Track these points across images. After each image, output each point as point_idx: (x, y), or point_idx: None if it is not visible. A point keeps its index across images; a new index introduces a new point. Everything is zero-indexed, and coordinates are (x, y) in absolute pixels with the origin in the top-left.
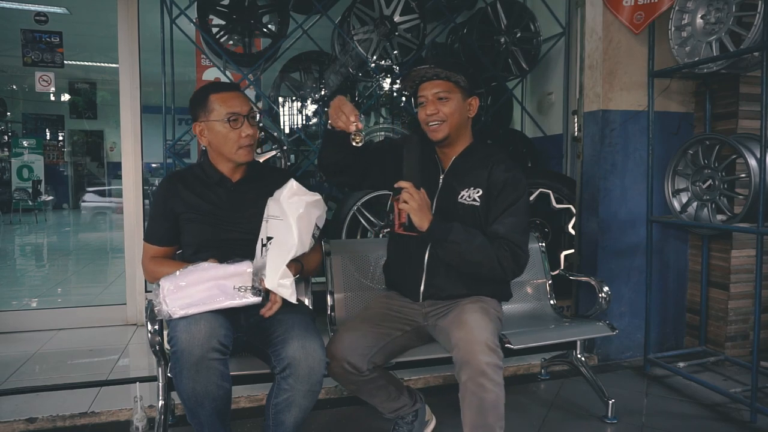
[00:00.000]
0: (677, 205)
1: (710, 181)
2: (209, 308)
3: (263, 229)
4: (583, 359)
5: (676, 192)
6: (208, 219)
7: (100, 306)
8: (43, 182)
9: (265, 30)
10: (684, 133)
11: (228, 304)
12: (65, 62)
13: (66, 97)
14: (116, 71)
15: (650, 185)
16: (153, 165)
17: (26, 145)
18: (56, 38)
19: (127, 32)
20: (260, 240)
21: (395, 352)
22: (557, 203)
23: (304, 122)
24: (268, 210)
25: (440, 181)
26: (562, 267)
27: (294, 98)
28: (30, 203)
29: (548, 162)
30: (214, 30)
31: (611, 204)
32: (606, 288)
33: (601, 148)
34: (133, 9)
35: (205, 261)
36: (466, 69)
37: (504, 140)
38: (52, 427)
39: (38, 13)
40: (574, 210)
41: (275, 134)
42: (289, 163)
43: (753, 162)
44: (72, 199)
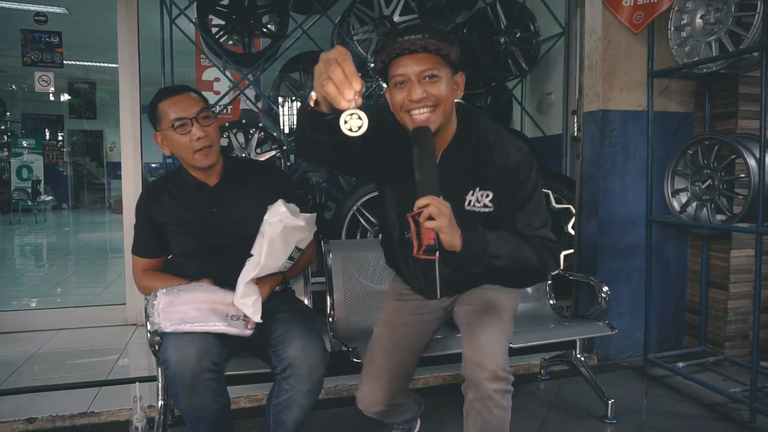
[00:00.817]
0: (677, 205)
1: (710, 181)
2: (201, 329)
3: (255, 243)
4: (583, 359)
5: (676, 192)
6: (192, 228)
7: (100, 306)
8: (43, 182)
9: (265, 30)
10: (683, 133)
11: (221, 330)
12: (65, 62)
13: (66, 97)
14: (116, 71)
15: (650, 185)
16: (153, 165)
17: (26, 145)
18: (56, 38)
19: (127, 32)
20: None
21: (416, 364)
22: (557, 203)
23: None
24: (262, 224)
25: None
26: (562, 267)
27: (294, 98)
28: (29, 203)
29: (548, 162)
30: (214, 30)
31: (611, 204)
32: (605, 288)
33: (601, 148)
34: (133, 9)
35: (200, 275)
36: (452, 38)
37: None
38: (52, 427)
39: (38, 13)
40: (574, 210)
41: (275, 134)
42: (289, 163)
43: (752, 162)
44: (71, 199)
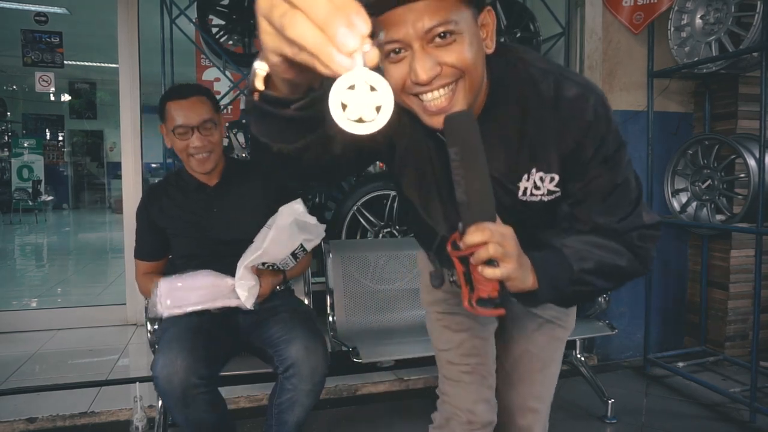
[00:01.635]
0: (677, 205)
1: (709, 181)
2: (202, 308)
3: (259, 234)
4: (583, 359)
5: (676, 192)
6: (192, 230)
7: (100, 306)
8: (43, 182)
9: None
10: (683, 134)
11: (221, 304)
12: (65, 62)
13: (66, 98)
14: (116, 71)
15: (650, 185)
16: (153, 165)
17: (26, 146)
18: (56, 38)
19: (127, 32)
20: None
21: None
22: None
23: None
24: (272, 216)
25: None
26: None
27: None
28: (30, 203)
29: None
30: (214, 30)
31: None
32: None
33: None
34: (133, 9)
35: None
36: None
37: None
38: (52, 427)
39: (38, 13)
40: None
41: None
42: None
43: (752, 162)
44: (72, 199)
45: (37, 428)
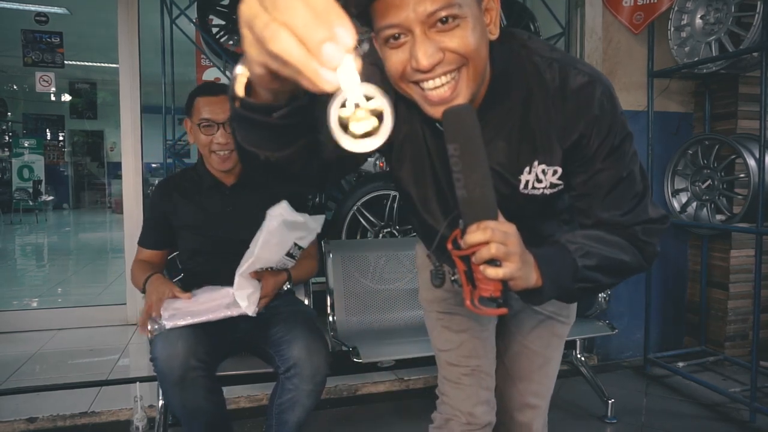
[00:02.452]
0: (677, 205)
1: (709, 181)
2: (206, 319)
3: (254, 238)
4: (583, 359)
5: (676, 192)
6: (203, 228)
7: (100, 306)
8: (44, 182)
9: None
10: (683, 133)
11: (223, 315)
12: (65, 62)
13: (66, 98)
14: (116, 71)
15: (650, 185)
16: (153, 165)
17: (27, 146)
18: (56, 38)
19: (127, 32)
20: None
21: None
22: None
23: None
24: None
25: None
26: None
27: None
28: (30, 203)
29: None
30: (214, 30)
31: None
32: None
33: None
34: (133, 9)
35: (205, 272)
36: None
37: None
38: (53, 427)
39: (39, 14)
40: None
41: None
42: None
43: (752, 162)
44: (72, 199)
45: (37, 428)
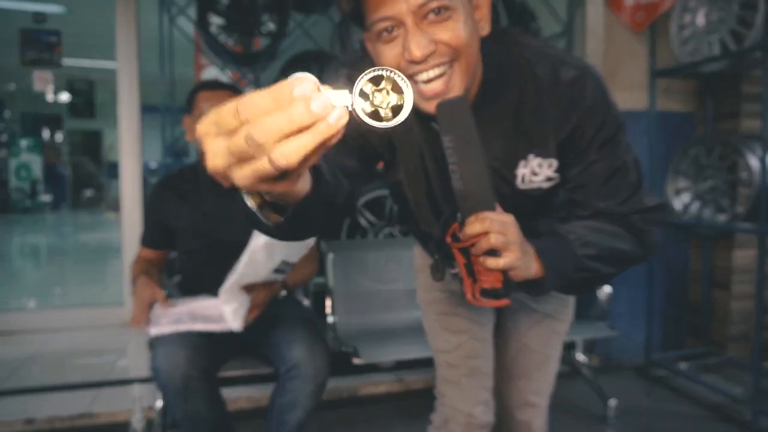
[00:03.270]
0: (679, 205)
1: (712, 181)
2: (195, 328)
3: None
4: (584, 360)
5: (678, 192)
6: (200, 229)
7: (99, 306)
8: (42, 182)
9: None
10: (686, 133)
11: (207, 329)
12: (63, 61)
13: (65, 97)
14: (115, 71)
15: (651, 185)
16: (152, 165)
17: (24, 145)
18: (54, 37)
19: (126, 31)
20: None
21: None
22: None
23: None
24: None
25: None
26: None
27: None
28: (28, 203)
29: None
30: (214, 29)
31: None
32: (607, 288)
33: None
34: (132, 8)
35: (203, 273)
36: None
37: None
38: (51, 428)
39: (36, 13)
40: None
41: None
42: None
43: (755, 162)
44: (70, 199)
45: (36, 429)
